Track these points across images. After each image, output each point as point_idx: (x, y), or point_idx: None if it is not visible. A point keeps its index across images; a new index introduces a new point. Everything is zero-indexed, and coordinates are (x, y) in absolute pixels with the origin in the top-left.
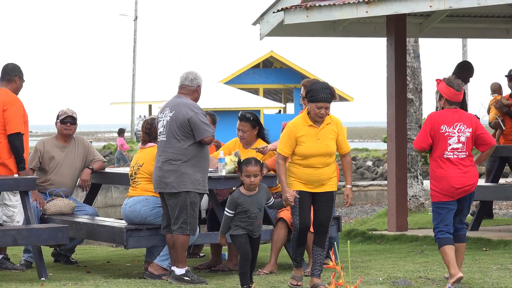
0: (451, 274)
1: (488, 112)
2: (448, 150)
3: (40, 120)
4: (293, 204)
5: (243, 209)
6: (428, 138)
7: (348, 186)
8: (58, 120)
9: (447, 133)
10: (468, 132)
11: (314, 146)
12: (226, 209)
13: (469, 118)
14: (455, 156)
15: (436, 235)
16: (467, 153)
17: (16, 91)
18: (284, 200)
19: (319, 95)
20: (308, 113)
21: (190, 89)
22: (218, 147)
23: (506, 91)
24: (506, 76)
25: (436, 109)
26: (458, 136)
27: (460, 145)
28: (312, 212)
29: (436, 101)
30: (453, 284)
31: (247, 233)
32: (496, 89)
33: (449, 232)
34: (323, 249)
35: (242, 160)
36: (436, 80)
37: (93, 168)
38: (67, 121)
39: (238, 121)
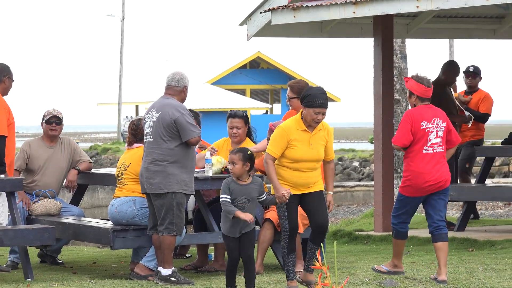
0: (397, 265)
1: None
2: (428, 145)
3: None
4: (287, 201)
5: (231, 197)
6: (409, 135)
7: (330, 192)
8: (44, 121)
9: (428, 129)
10: (444, 126)
11: (306, 151)
12: (221, 195)
13: (443, 113)
14: (434, 151)
15: (396, 226)
16: (443, 148)
17: (5, 91)
18: (279, 198)
19: (317, 101)
20: (302, 118)
21: (176, 89)
22: (203, 148)
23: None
24: (463, 72)
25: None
26: (437, 131)
27: (438, 140)
28: (299, 214)
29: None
30: (391, 272)
31: (239, 236)
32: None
33: (407, 225)
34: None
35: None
36: (404, 78)
37: (80, 168)
38: (53, 121)
39: (231, 119)
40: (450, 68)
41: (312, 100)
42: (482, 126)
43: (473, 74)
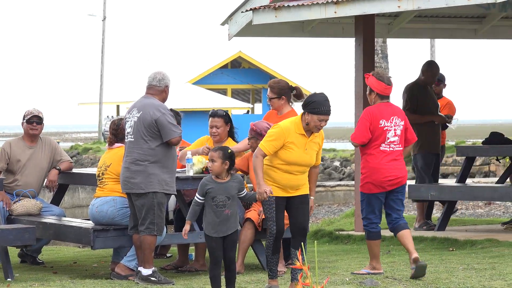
0: (376, 267)
1: None
2: (386, 143)
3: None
4: (267, 199)
5: (210, 195)
6: (368, 132)
7: (312, 197)
8: (24, 120)
9: (386, 127)
10: (402, 125)
11: (300, 155)
12: (196, 194)
13: (401, 111)
14: (391, 149)
15: (367, 227)
16: (400, 146)
17: None
18: (259, 194)
19: (322, 108)
20: (308, 123)
21: (158, 89)
22: (183, 149)
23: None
24: None
25: (407, 110)
26: (395, 129)
27: (396, 138)
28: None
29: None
30: (371, 273)
31: (221, 236)
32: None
33: (379, 225)
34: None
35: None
36: (365, 75)
37: (60, 168)
38: (33, 121)
39: (211, 118)
40: (429, 69)
41: (317, 107)
42: (444, 133)
43: (437, 81)
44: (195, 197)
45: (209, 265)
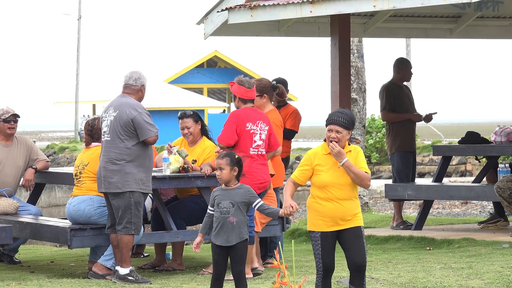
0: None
1: None
2: (253, 146)
3: None
4: (292, 214)
5: (216, 202)
6: (234, 135)
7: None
8: (1, 120)
9: (252, 131)
10: (266, 129)
11: (332, 174)
12: (208, 206)
13: (266, 117)
14: (258, 153)
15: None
16: (265, 150)
17: None
18: (285, 208)
19: (331, 117)
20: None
21: (134, 88)
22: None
23: None
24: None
25: (386, 109)
26: (260, 133)
27: (261, 142)
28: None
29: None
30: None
31: (226, 246)
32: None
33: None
34: None
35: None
36: (230, 83)
37: (37, 167)
38: (11, 119)
39: (180, 120)
40: (403, 65)
41: (328, 118)
42: (288, 143)
43: (281, 86)
44: (208, 210)
45: (211, 280)
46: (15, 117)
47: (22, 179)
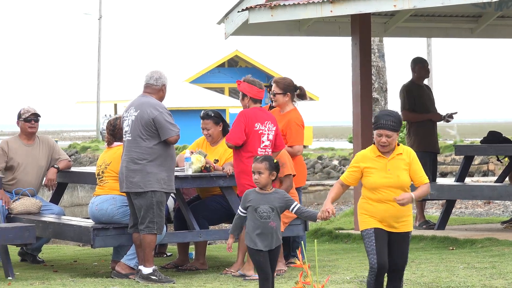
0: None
1: None
2: (261, 147)
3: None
4: (329, 218)
5: (252, 207)
6: (243, 134)
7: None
8: (22, 119)
9: (261, 131)
10: (274, 130)
11: (383, 177)
12: (239, 207)
13: (274, 117)
14: (266, 153)
15: None
16: (271, 150)
17: None
18: (322, 212)
19: (379, 121)
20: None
21: (155, 88)
22: None
23: None
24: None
25: (406, 109)
26: (268, 134)
27: (269, 142)
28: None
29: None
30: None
31: (267, 250)
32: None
33: None
34: None
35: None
36: (237, 81)
37: (59, 167)
38: (31, 119)
39: (201, 121)
40: (417, 64)
41: (375, 121)
42: None
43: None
44: (238, 210)
45: (259, 282)
46: (35, 117)
47: (44, 178)
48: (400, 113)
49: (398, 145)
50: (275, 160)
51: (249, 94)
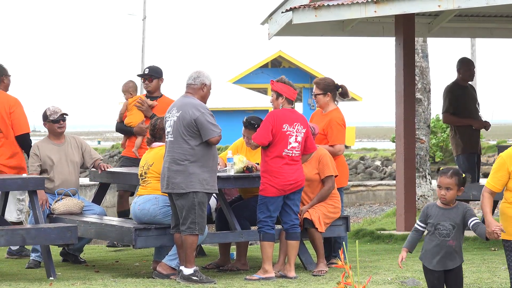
0: (268, 270)
1: (123, 116)
2: (288, 148)
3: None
4: (499, 238)
5: (432, 223)
6: (269, 135)
7: None
8: (49, 120)
9: (288, 132)
10: (303, 132)
11: None
12: (417, 221)
13: (304, 119)
14: (292, 154)
15: (263, 228)
16: (300, 152)
17: (7, 88)
18: (489, 234)
19: None
20: None
21: (194, 87)
22: None
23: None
24: (139, 75)
25: (448, 112)
26: (296, 135)
27: (297, 144)
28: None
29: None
30: (263, 278)
31: (442, 270)
32: (131, 89)
33: (273, 228)
34: None
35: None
36: (271, 81)
37: (105, 168)
38: (59, 119)
39: (243, 127)
40: (462, 65)
41: None
42: None
43: (149, 77)
44: (416, 224)
45: None
46: (63, 116)
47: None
48: (441, 115)
49: None
50: (463, 175)
51: (285, 94)
